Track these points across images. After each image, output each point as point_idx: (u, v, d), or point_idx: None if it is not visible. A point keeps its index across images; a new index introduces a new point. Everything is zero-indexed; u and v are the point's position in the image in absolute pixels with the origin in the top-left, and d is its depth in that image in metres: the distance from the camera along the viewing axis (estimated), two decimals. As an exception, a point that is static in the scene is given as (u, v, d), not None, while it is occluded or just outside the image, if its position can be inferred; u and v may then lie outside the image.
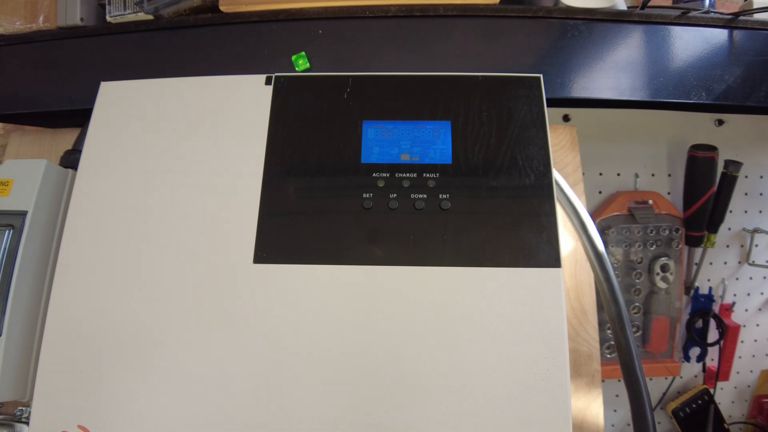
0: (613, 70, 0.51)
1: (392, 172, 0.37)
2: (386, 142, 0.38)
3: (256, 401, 0.33)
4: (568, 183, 0.47)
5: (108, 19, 0.56)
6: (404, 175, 0.37)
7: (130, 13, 0.55)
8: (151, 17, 0.55)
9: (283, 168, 0.38)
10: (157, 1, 0.54)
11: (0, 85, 0.59)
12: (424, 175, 0.37)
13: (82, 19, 0.57)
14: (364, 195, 0.37)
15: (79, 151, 0.55)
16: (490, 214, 0.36)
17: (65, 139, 0.61)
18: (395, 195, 0.37)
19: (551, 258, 0.35)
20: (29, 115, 0.62)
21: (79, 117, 0.60)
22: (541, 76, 0.40)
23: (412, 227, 0.36)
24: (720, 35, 0.53)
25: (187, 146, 0.39)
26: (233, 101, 0.40)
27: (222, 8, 0.52)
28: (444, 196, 0.37)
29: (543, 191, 0.37)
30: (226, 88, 0.41)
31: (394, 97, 0.40)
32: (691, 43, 0.52)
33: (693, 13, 0.52)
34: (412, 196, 0.37)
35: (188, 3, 0.54)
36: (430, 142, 0.38)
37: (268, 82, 0.40)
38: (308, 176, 0.38)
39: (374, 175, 0.37)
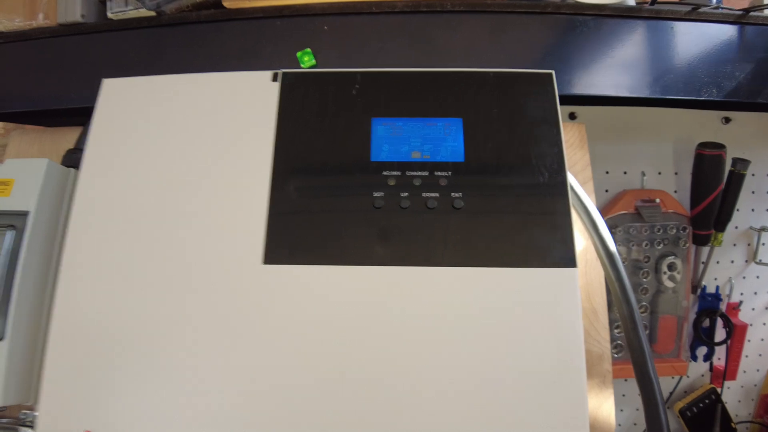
0: (623, 67, 0.50)
1: (403, 171, 0.37)
2: (396, 139, 0.38)
3: (266, 404, 0.33)
4: (578, 181, 0.47)
5: (109, 15, 0.55)
6: (415, 173, 0.37)
7: (131, 9, 0.54)
8: (152, 13, 0.54)
9: (291, 166, 0.37)
10: (159, -3, 0.53)
11: (0, 83, 0.58)
12: (436, 173, 0.37)
13: (83, 16, 0.56)
14: (375, 194, 0.36)
15: (81, 150, 0.54)
16: (504, 213, 0.36)
17: (66, 137, 0.60)
18: (406, 194, 0.36)
19: (566, 258, 0.35)
20: (29, 113, 0.61)
21: (80, 115, 0.59)
22: (554, 72, 0.39)
23: (424, 227, 0.35)
24: (730, 31, 0.52)
25: (193, 144, 0.39)
26: (240, 98, 0.40)
27: (225, 4, 0.52)
28: (456, 194, 0.36)
29: (557, 190, 0.36)
30: (232, 85, 0.40)
31: (403, 94, 0.39)
32: (701, 40, 0.52)
33: (703, 9, 0.51)
34: (424, 195, 0.36)
35: (191, -1, 0.54)
36: (441, 139, 0.37)
37: (275, 78, 0.40)
38: (317, 175, 0.37)
39: (385, 173, 0.37)
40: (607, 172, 0.75)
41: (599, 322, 0.51)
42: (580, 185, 0.47)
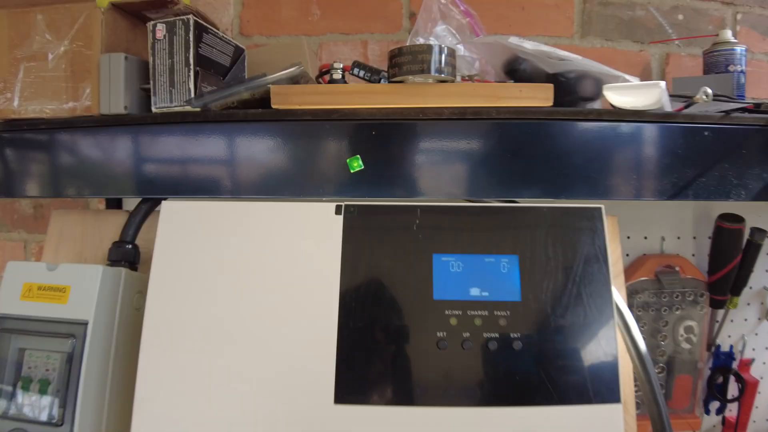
0: (659, 171, 0.52)
1: (464, 310, 0.39)
2: (456, 276, 0.40)
3: None
4: (610, 274, 0.49)
5: (153, 110, 0.56)
6: (476, 312, 0.39)
7: (176, 106, 0.55)
8: (198, 110, 0.54)
9: (358, 303, 0.39)
10: (205, 96, 0.53)
11: (37, 169, 0.59)
12: (495, 312, 0.39)
13: (125, 108, 0.56)
14: (438, 334, 0.38)
15: (127, 243, 0.55)
16: (558, 352, 0.38)
17: (109, 221, 0.61)
18: (468, 334, 0.38)
19: (612, 395, 0.37)
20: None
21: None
22: (602, 207, 0.41)
23: (485, 368, 0.37)
24: (760, 134, 0.54)
25: (258, 274, 0.40)
26: (304, 228, 0.41)
27: (274, 105, 0.52)
28: (515, 335, 0.38)
29: (605, 330, 0.38)
30: (295, 215, 0.42)
31: (462, 229, 0.41)
32: (732, 143, 0.53)
33: (735, 114, 0.53)
34: (485, 335, 0.38)
35: (236, 96, 0.54)
36: (499, 277, 0.39)
37: (338, 211, 0.41)
38: (384, 313, 0.39)
39: (446, 312, 0.39)
40: (628, 237, 0.77)
41: (628, 414, 0.53)
42: (612, 282, 0.49)
